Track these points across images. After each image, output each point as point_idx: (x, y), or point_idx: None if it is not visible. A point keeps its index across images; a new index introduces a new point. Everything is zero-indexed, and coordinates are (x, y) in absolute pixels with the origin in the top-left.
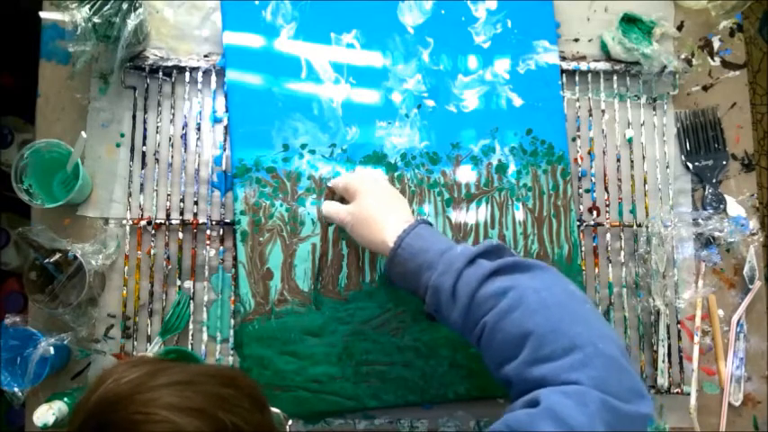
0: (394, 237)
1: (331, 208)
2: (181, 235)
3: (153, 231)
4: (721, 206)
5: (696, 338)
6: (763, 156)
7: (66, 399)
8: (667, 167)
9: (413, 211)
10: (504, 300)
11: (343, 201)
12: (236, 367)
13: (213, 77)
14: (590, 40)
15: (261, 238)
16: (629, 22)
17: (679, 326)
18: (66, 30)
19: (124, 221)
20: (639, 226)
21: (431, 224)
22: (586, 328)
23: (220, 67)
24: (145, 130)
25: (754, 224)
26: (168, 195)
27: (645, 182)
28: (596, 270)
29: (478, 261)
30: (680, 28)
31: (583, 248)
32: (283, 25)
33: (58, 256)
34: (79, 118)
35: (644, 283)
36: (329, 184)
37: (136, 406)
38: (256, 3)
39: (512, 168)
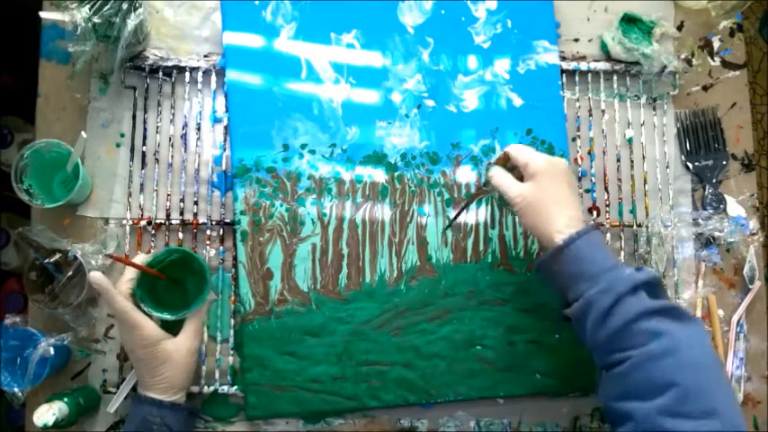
0: (564, 234)
1: (504, 180)
2: (181, 235)
3: (153, 231)
4: (721, 206)
5: None
6: (763, 156)
7: (66, 399)
8: (667, 167)
9: (413, 212)
10: (657, 342)
11: (512, 171)
12: None
13: (213, 77)
14: (590, 40)
15: (261, 238)
16: (629, 22)
17: None
18: (66, 30)
19: (124, 221)
20: (639, 226)
21: (601, 231)
22: (727, 396)
23: (220, 67)
24: (145, 130)
25: (754, 224)
26: (168, 195)
27: (645, 182)
28: None
29: (640, 292)
30: (680, 28)
31: None
32: (283, 25)
33: (57, 256)
34: (79, 118)
35: None
36: (507, 149)
37: None
38: (256, 3)
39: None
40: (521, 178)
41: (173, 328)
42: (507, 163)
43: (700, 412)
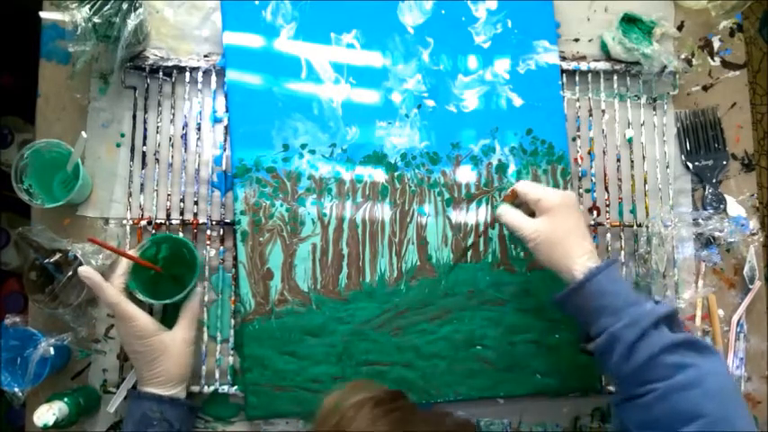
0: (584, 268)
1: (515, 218)
2: (181, 235)
3: (153, 231)
4: (721, 206)
5: None
6: (763, 156)
7: (66, 399)
8: (667, 167)
9: (413, 211)
10: (682, 375)
11: (520, 207)
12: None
13: (213, 77)
14: (590, 40)
15: (261, 238)
16: (629, 22)
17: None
18: (67, 30)
19: (124, 221)
20: (639, 226)
21: (616, 263)
22: (750, 424)
23: (220, 67)
24: (145, 130)
25: (754, 224)
26: (168, 195)
27: (645, 182)
28: None
29: (662, 326)
30: (680, 28)
31: None
32: (283, 25)
33: (58, 256)
34: (79, 118)
35: (644, 283)
36: (516, 187)
37: None
38: (256, 3)
39: (512, 168)
40: (530, 214)
41: (169, 324)
42: (515, 200)
43: None
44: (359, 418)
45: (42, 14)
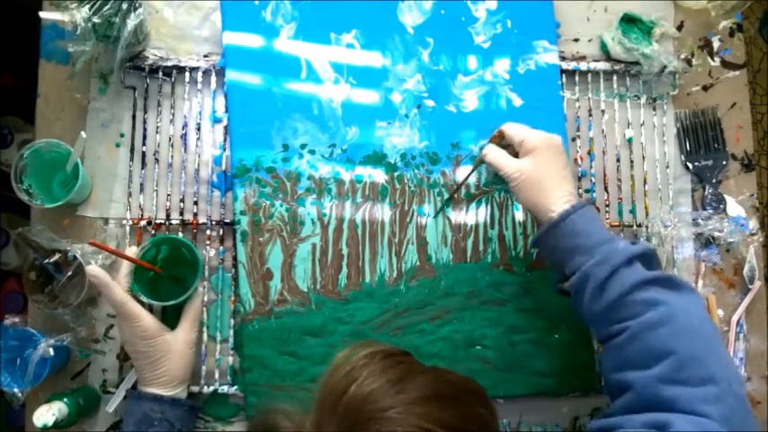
0: (560, 208)
1: (499, 157)
2: (181, 235)
3: (153, 231)
4: (721, 206)
5: None
6: (763, 156)
7: (66, 399)
8: (667, 167)
9: (412, 212)
10: (654, 312)
11: (506, 149)
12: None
13: (213, 77)
14: (590, 40)
15: (261, 238)
16: (628, 22)
17: None
18: (66, 30)
19: (124, 221)
20: (639, 226)
21: (597, 208)
22: (724, 362)
23: (220, 67)
24: (145, 130)
25: (753, 224)
26: (168, 195)
27: (645, 182)
28: None
29: (635, 263)
30: (680, 28)
31: None
32: (283, 25)
33: (57, 256)
34: (79, 118)
35: None
36: (502, 127)
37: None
38: (256, 3)
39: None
40: (515, 155)
41: (169, 324)
42: (502, 141)
43: (697, 379)
44: (369, 367)
45: (42, 14)
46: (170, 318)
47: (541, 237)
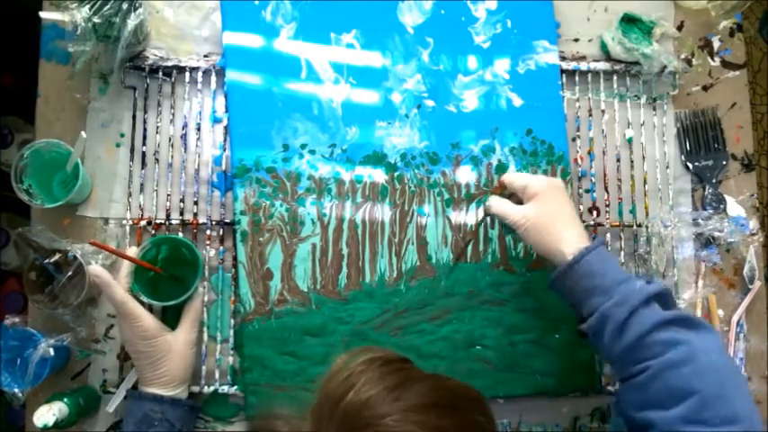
0: (573, 249)
1: (503, 207)
2: (181, 235)
3: (153, 231)
4: (721, 206)
5: None
6: (763, 156)
7: (66, 399)
8: (667, 167)
9: (412, 212)
10: (675, 352)
11: (509, 198)
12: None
13: (213, 77)
14: (590, 40)
15: (261, 238)
16: (629, 22)
17: None
18: (67, 30)
19: (124, 221)
20: (639, 226)
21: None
22: (747, 401)
23: (220, 67)
24: (145, 130)
25: (753, 224)
26: (168, 195)
27: (645, 182)
28: None
29: (653, 304)
30: (680, 28)
31: None
32: (283, 25)
33: (57, 256)
34: (79, 118)
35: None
36: (502, 179)
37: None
38: (256, 3)
39: (512, 168)
40: (520, 203)
41: (169, 324)
42: (504, 191)
43: (720, 419)
44: (367, 373)
45: (42, 14)
46: (170, 318)
47: (557, 279)
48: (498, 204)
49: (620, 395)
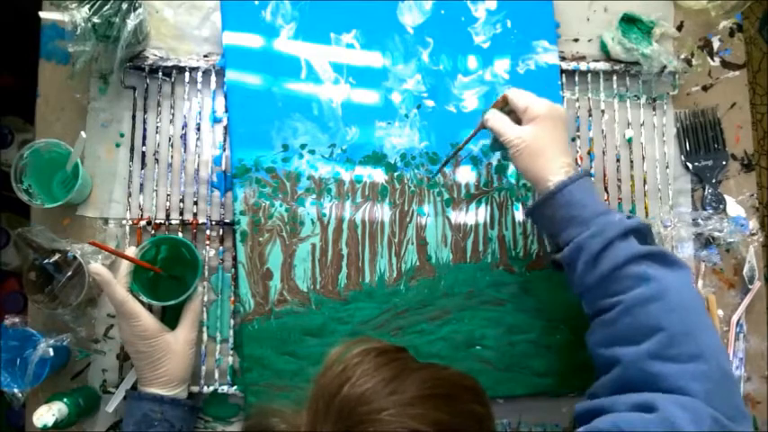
0: (557, 178)
1: (501, 123)
2: (181, 235)
3: (153, 231)
4: (721, 206)
5: None
6: (763, 156)
7: (66, 399)
8: (667, 167)
9: (412, 212)
10: (646, 287)
11: (509, 115)
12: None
13: (213, 77)
14: (590, 40)
15: (260, 239)
16: (628, 22)
17: None
18: (66, 30)
19: (124, 221)
20: None
21: (592, 177)
22: (713, 339)
23: (220, 67)
24: (145, 130)
25: (753, 224)
26: (168, 195)
27: (645, 182)
28: None
29: (630, 237)
30: (680, 28)
31: None
32: (283, 25)
33: (57, 256)
34: (79, 118)
35: None
36: (507, 92)
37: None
38: (256, 3)
39: (511, 168)
40: (518, 122)
41: (168, 324)
42: (505, 107)
43: (686, 355)
44: (363, 365)
45: (42, 14)
46: (170, 318)
47: (537, 206)
48: (496, 119)
49: (589, 333)
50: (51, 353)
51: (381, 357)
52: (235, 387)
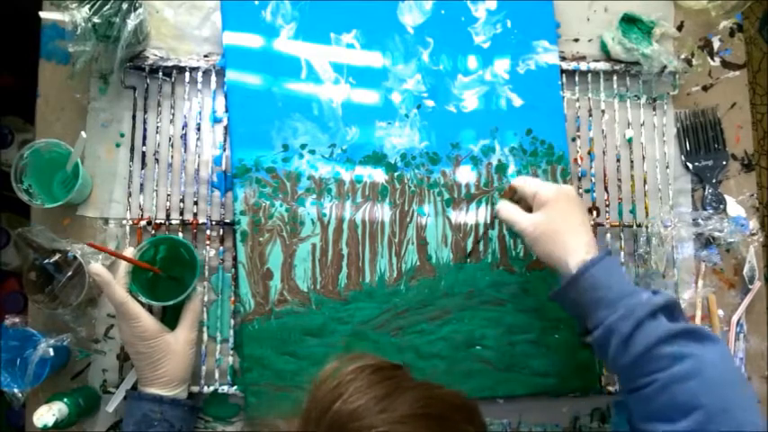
0: (578, 261)
1: (512, 213)
2: (181, 235)
3: (153, 231)
4: (721, 206)
5: None
6: (763, 156)
7: (66, 399)
8: (667, 167)
9: (412, 212)
10: (681, 365)
11: (519, 203)
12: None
13: (213, 77)
14: (590, 40)
15: (261, 239)
16: (628, 22)
17: None
18: (66, 30)
19: (124, 221)
20: (639, 226)
21: (612, 255)
22: (753, 414)
23: (220, 67)
24: (145, 130)
25: (753, 224)
26: (168, 195)
27: (645, 182)
28: None
29: (659, 316)
30: (680, 28)
31: None
32: (283, 25)
33: (57, 256)
34: (79, 118)
35: (644, 283)
36: (513, 182)
37: None
38: (256, 3)
39: (512, 168)
40: (529, 210)
41: (168, 324)
42: (514, 196)
43: None
44: (356, 382)
45: (42, 14)
46: (170, 318)
47: (562, 292)
48: (507, 210)
49: (628, 404)
50: (51, 353)
51: (375, 375)
52: (235, 387)
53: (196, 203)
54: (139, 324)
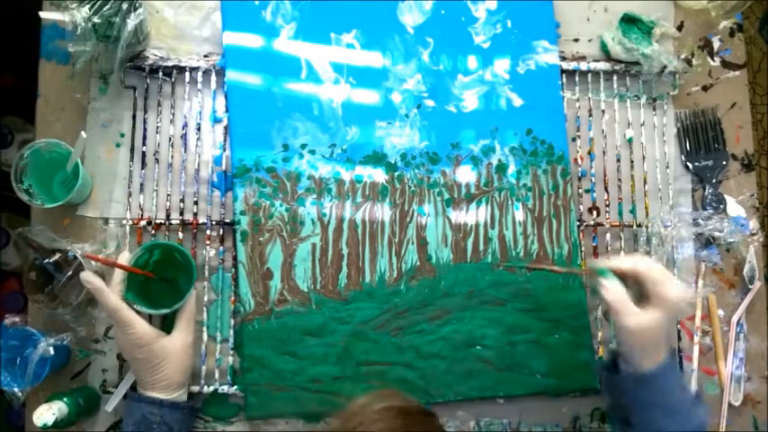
0: (652, 365)
1: (622, 303)
2: (181, 235)
3: (153, 231)
4: (721, 206)
5: (696, 338)
6: (763, 156)
7: (65, 399)
8: (667, 167)
9: (412, 212)
10: None
11: (622, 279)
12: None
13: (213, 77)
14: (590, 40)
15: (261, 238)
16: (628, 22)
17: (679, 326)
18: (67, 30)
19: (124, 221)
20: (639, 226)
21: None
22: None
23: (220, 67)
24: (145, 130)
25: (753, 224)
26: (168, 195)
27: (645, 182)
28: None
29: None
30: (680, 28)
31: (583, 248)
32: (283, 25)
33: (57, 256)
34: (79, 118)
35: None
36: (639, 268)
37: None
38: (256, 3)
39: (512, 168)
40: (634, 290)
41: (167, 329)
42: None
43: None
44: (379, 424)
45: (42, 14)
46: (169, 320)
47: (620, 380)
48: (617, 296)
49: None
50: (51, 352)
51: (400, 419)
52: (235, 387)
53: (196, 203)
54: (134, 331)
